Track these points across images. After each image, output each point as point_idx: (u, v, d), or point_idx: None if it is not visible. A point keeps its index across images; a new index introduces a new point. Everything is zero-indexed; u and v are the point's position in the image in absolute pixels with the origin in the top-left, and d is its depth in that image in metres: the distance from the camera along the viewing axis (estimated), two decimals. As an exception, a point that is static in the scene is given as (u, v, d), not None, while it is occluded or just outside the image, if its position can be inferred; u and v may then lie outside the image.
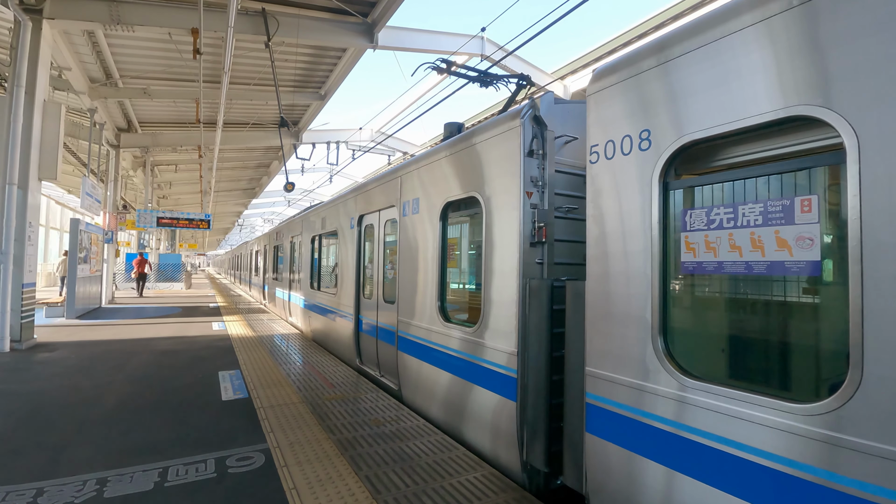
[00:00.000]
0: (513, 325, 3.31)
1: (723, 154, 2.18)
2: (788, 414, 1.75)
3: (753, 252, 1.95)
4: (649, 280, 2.30)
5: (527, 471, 3.22)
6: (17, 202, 7.21)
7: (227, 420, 4.22)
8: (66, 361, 6.49)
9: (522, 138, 3.31)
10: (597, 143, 2.66)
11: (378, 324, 5.69)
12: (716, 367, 2.25)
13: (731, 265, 2.03)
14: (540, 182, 3.36)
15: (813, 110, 1.72)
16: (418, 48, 10.15)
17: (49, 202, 24.82)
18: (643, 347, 2.32)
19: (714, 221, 2.10)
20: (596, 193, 2.64)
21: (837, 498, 1.61)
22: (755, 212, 1.95)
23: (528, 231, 3.31)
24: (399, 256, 5.08)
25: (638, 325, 2.34)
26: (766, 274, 1.93)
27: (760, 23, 1.89)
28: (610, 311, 2.52)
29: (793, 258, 1.82)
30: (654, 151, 2.31)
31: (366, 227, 6.38)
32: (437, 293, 4.31)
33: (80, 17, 7.89)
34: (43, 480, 3.02)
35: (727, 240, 2.04)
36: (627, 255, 2.43)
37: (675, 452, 2.17)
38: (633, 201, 2.41)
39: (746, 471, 1.88)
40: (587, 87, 2.77)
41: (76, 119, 13.28)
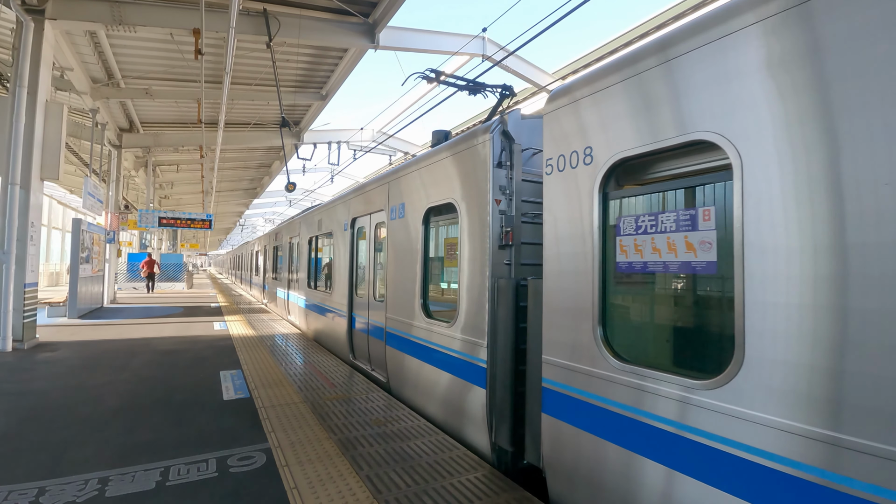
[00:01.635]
0: (484, 320, 3.63)
1: (649, 170, 2.56)
2: (691, 389, 2.09)
3: (669, 254, 2.30)
4: (591, 278, 2.64)
5: (495, 451, 3.55)
6: (19, 202, 7.23)
7: (228, 419, 4.23)
8: (68, 361, 6.51)
9: (492, 151, 3.65)
10: (551, 156, 2.98)
11: (369, 321, 6.00)
12: (639, 352, 2.58)
13: (653, 265, 2.38)
14: (508, 190, 3.70)
15: (709, 136, 2.07)
16: (419, 48, 10.15)
17: (51, 202, 24.89)
18: (587, 336, 2.66)
19: (641, 227, 2.44)
20: (550, 201, 2.97)
21: (728, 459, 1.94)
22: (670, 220, 2.30)
23: (497, 235, 3.65)
24: (387, 257, 5.41)
25: (583, 317, 2.69)
26: (677, 272, 2.29)
27: (665, 63, 2.28)
28: (561, 305, 2.85)
29: (697, 259, 2.18)
30: (594, 166, 2.66)
31: (358, 229, 6.69)
32: (420, 291, 4.64)
33: (82, 17, 7.91)
34: (45, 480, 3.03)
35: (650, 243, 2.39)
36: (575, 256, 2.77)
37: (608, 426, 2.51)
38: (579, 209, 2.76)
39: (661, 438, 2.21)
40: (544, 107, 3.08)
41: (78, 119, 13.32)
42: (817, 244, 1.71)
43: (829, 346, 1.66)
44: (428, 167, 4.61)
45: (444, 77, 5.31)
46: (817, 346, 1.69)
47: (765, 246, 1.85)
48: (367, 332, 6.04)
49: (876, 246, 1.55)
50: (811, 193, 1.73)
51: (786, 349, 1.78)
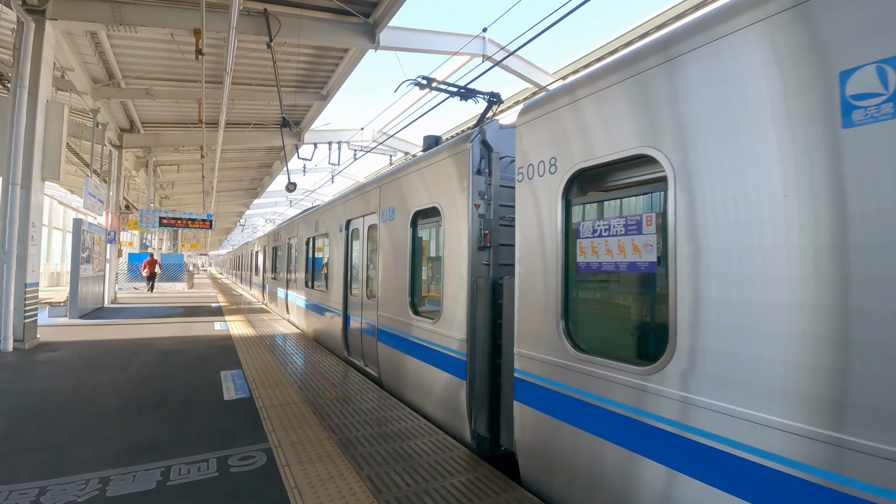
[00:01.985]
0: (464, 317, 3.90)
1: (605, 179, 2.85)
2: (633, 374, 2.37)
3: (619, 255, 2.59)
4: (555, 277, 2.90)
5: (475, 438, 3.82)
6: (20, 202, 7.24)
7: (228, 419, 4.23)
8: (69, 361, 6.51)
9: (472, 159, 3.91)
10: (522, 165, 3.26)
11: (362, 319, 6.27)
12: (594, 342, 2.82)
13: (606, 265, 2.67)
14: (486, 196, 3.95)
15: (649, 150, 2.35)
16: (420, 48, 10.15)
17: (52, 202, 24.91)
18: (551, 330, 2.92)
19: (596, 231, 2.72)
20: (521, 206, 3.24)
21: (660, 434, 2.23)
22: (621, 224, 2.57)
23: (476, 237, 3.90)
24: (378, 258, 5.67)
25: (548, 312, 2.95)
26: (626, 272, 2.56)
27: (616, 84, 2.54)
28: (530, 301, 3.12)
29: (642, 259, 2.45)
30: (558, 175, 2.92)
31: (352, 230, 6.94)
32: (409, 290, 4.89)
33: (83, 17, 7.91)
34: (46, 479, 3.03)
35: (604, 245, 2.68)
36: (542, 257, 3.03)
37: (568, 410, 2.79)
38: (545, 213, 3.02)
39: (609, 419, 2.50)
40: (516, 120, 3.34)
41: (79, 119, 13.32)
42: (732, 246, 1.98)
43: (745, 336, 1.92)
44: (415, 173, 4.87)
45: (435, 84, 5.48)
46: (734, 336, 1.96)
47: (691, 248, 2.13)
48: (361, 329, 6.29)
49: (782, 248, 1.82)
50: (727, 203, 2.01)
51: (708, 339, 2.05)
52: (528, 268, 3.16)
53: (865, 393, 1.59)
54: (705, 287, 2.07)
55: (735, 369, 1.94)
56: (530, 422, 3.09)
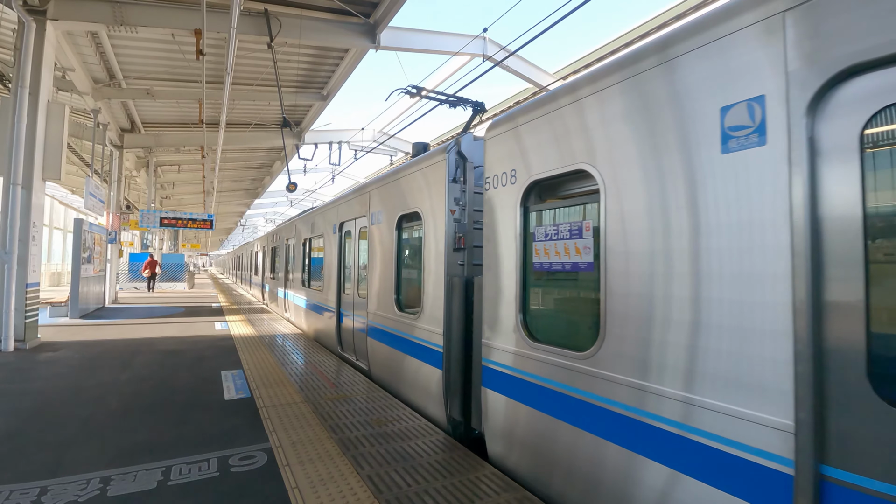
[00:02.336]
0: (440, 312, 4.23)
1: (556, 190, 3.20)
2: (575, 360, 2.74)
3: (565, 256, 2.96)
4: (515, 276, 3.27)
5: (450, 422, 4.18)
6: (21, 202, 7.25)
7: (229, 419, 4.24)
8: (70, 361, 6.52)
9: (448, 168, 4.26)
10: (488, 175, 3.60)
11: (354, 316, 6.61)
12: (545, 333, 3.16)
13: (555, 265, 3.04)
14: (461, 202, 4.29)
15: (586, 167, 2.73)
16: (420, 48, 10.15)
17: (53, 202, 24.93)
18: (511, 322, 3.29)
19: (548, 235, 3.08)
20: (488, 212, 3.58)
21: (594, 410, 2.60)
22: (566, 230, 2.95)
23: (452, 240, 4.25)
24: (368, 258, 6.03)
25: (509, 307, 3.32)
26: (570, 271, 2.94)
27: (566, 107, 2.89)
28: (494, 297, 3.49)
29: (582, 260, 2.84)
30: (518, 185, 3.28)
31: (345, 232, 7.27)
32: (394, 288, 5.26)
33: (84, 18, 7.92)
34: (47, 479, 3.04)
35: (553, 248, 3.04)
36: (504, 258, 3.39)
37: (523, 393, 3.16)
38: (507, 219, 3.37)
39: (555, 397, 2.88)
40: (485, 134, 3.68)
41: (80, 120, 13.35)
42: (646, 249, 2.35)
43: (655, 324, 2.29)
44: (400, 179, 5.24)
45: (425, 92, 5.79)
46: (647, 324, 2.32)
47: (617, 250, 2.51)
48: (353, 325, 6.66)
49: (677, 251, 2.22)
50: (643, 212, 2.38)
51: (629, 327, 2.42)
52: (492, 267, 3.52)
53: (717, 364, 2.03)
54: (626, 284, 2.46)
55: (647, 352, 2.33)
56: (495, 405, 3.45)
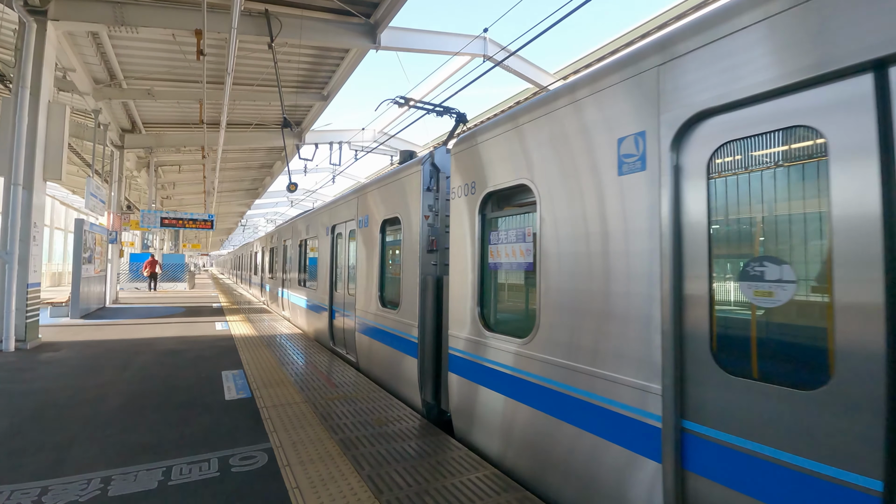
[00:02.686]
0: (416, 307, 4.68)
1: (508, 200, 3.66)
2: (517, 345, 3.23)
3: (512, 257, 3.43)
4: (473, 274, 3.75)
5: (424, 405, 4.64)
6: (21, 203, 7.25)
7: (230, 419, 4.24)
8: (71, 361, 6.53)
9: (422, 178, 4.73)
10: (455, 186, 4.08)
11: (344, 312, 7.11)
12: (496, 323, 3.68)
13: (504, 265, 3.53)
14: (434, 209, 4.75)
15: (526, 181, 3.23)
16: (421, 49, 10.16)
17: (54, 203, 24.96)
18: (471, 314, 3.77)
19: (500, 240, 3.57)
20: (454, 218, 4.07)
21: (532, 387, 3.08)
22: (513, 235, 3.44)
23: (426, 242, 4.71)
24: (356, 259, 6.52)
25: (468, 301, 3.80)
26: (517, 269, 3.43)
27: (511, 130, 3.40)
28: (457, 293, 3.97)
29: (525, 261, 3.30)
30: (476, 195, 3.76)
31: (336, 235, 7.73)
32: (378, 286, 5.74)
33: (85, 18, 7.93)
34: (47, 479, 3.04)
35: (504, 250, 3.52)
36: (465, 258, 3.86)
37: (480, 375, 3.64)
38: (468, 225, 3.86)
39: (509, 381, 3.31)
40: (452, 149, 4.15)
41: (80, 120, 13.35)
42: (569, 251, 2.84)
43: (575, 314, 2.77)
44: (383, 187, 5.71)
45: (412, 103, 6.23)
46: (570, 314, 2.80)
47: (559, 251, 2.92)
48: (343, 321, 7.16)
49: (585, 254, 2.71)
50: (567, 221, 2.86)
51: (557, 316, 2.91)
52: (456, 267, 4.01)
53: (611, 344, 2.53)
54: (555, 280, 2.94)
55: (569, 337, 2.81)
56: (459, 388, 3.92)
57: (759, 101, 1.94)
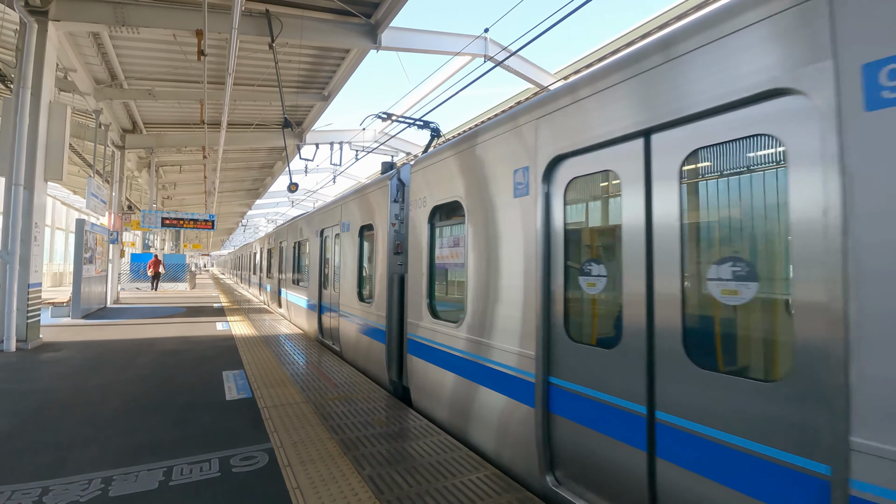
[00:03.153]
0: (384, 300, 5.46)
1: (451, 213, 4.34)
2: (452, 329, 4.02)
3: (452, 259, 4.25)
4: (425, 273, 4.57)
5: (392, 383, 5.42)
6: (23, 203, 7.26)
7: (231, 420, 4.24)
8: (72, 361, 6.53)
9: (390, 191, 5.53)
10: (412, 199, 4.89)
11: (330, 308, 7.94)
12: (441, 312, 4.45)
13: (447, 265, 4.36)
14: (400, 217, 5.54)
15: (459, 199, 3.99)
16: (422, 49, 10.16)
17: (55, 203, 24.98)
18: (422, 305, 4.60)
19: (444, 245, 4.40)
20: (411, 227, 4.90)
21: (461, 360, 3.86)
22: (452, 241, 4.26)
23: (393, 246, 5.49)
24: (340, 260, 7.34)
25: (421, 294, 4.62)
26: (453, 269, 4.25)
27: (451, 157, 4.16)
28: (413, 288, 4.80)
29: (459, 262, 4.10)
30: (426, 208, 4.58)
31: (325, 238, 8.52)
32: (357, 283, 6.58)
33: (86, 18, 7.94)
34: (48, 479, 3.04)
35: (445, 253, 4.38)
36: (420, 259, 4.67)
37: (428, 354, 4.45)
38: (421, 232, 4.66)
39: (447, 357, 4.10)
40: (412, 167, 4.96)
41: (81, 120, 13.36)
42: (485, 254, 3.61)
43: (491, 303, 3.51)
44: (360, 197, 6.56)
45: (395, 117, 7.11)
46: (483, 303, 3.60)
47: (480, 254, 3.67)
48: (329, 315, 7.98)
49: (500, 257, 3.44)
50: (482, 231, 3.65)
51: (478, 305, 3.66)
52: (413, 266, 4.81)
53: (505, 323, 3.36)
54: (475, 277, 3.71)
55: (493, 319, 3.49)
56: (414, 366, 4.74)
57: (589, 150, 2.75)
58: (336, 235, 7.65)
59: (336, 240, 7.66)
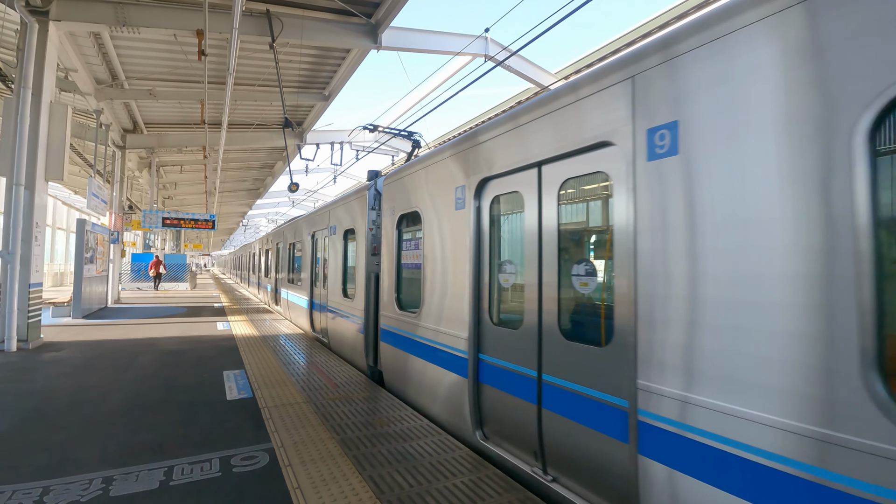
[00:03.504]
0: (363, 295, 6.23)
1: (412, 221, 5.08)
2: (413, 318, 4.73)
3: (412, 260, 4.99)
4: (393, 271, 5.31)
5: (369, 368, 6.16)
6: (23, 203, 7.27)
7: (231, 419, 4.24)
8: (72, 361, 6.54)
9: (368, 200, 6.30)
10: (384, 208, 5.56)
11: (320, 304, 8.68)
12: (405, 304, 5.17)
13: (410, 265, 5.07)
14: (376, 223, 6.25)
15: (418, 209, 4.72)
16: (422, 49, 10.15)
17: (55, 203, 24.99)
18: (392, 298, 5.31)
19: (409, 248, 5.11)
20: (384, 231, 5.58)
21: (418, 344, 4.64)
22: (414, 244, 5.00)
23: (370, 248, 6.21)
24: (328, 259, 8.08)
25: (391, 290, 5.34)
26: (414, 268, 4.92)
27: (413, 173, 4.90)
28: (385, 284, 5.52)
29: (418, 262, 4.77)
30: (395, 216, 5.27)
31: (316, 240, 9.26)
32: (342, 281, 7.31)
33: (87, 18, 7.94)
34: (49, 479, 3.05)
35: (408, 255, 5.12)
36: (390, 260, 5.38)
37: (396, 341, 5.15)
38: (391, 236, 5.36)
39: (407, 341, 4.87)
40: (384, 180, 5.65)
41: (82, 120, 13.37)
42: (439, 255, 4.27)
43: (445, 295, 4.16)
44: (345, 204, 7.33)
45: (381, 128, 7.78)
46: (440, 294, 4.24)
47: (432, 256, 4.40)
48: (320, 311, 8.69)
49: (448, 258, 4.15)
50: (437, 236, 4.33)
51: (434, 297, 4.35)
52: (385, 266, 5.54)
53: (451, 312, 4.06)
54: (431, 273, 4.40)
55: (441, 309, 4.21)
56: (386, 351, 5.46)
57: (505, 175, 3.45)
58: (325, 237, 8.47)
59: (325, 242, 8.48)
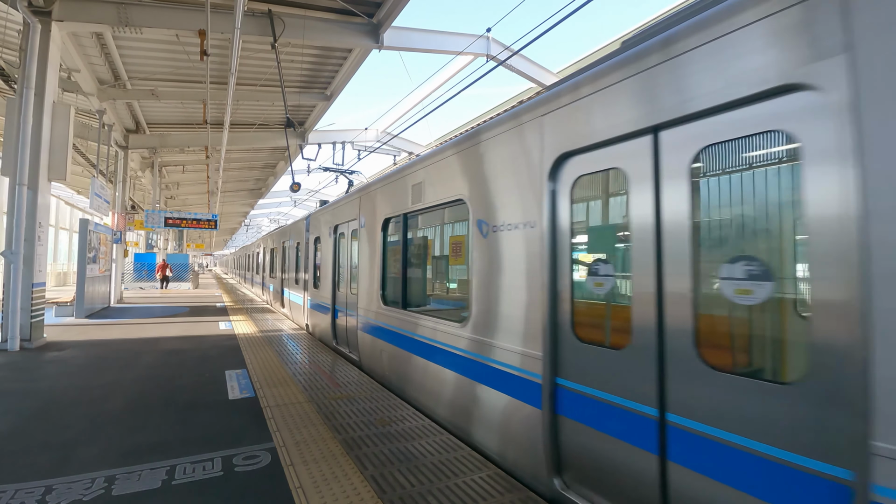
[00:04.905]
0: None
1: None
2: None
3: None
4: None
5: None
6: (26, 203, 7.29)
7: (233, 419, 4.24)
8: (75, 360, 6.55)
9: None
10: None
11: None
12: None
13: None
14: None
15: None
16: (424, 48, 10.15)
17: (58, 203, 25.07)
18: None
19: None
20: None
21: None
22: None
23: None
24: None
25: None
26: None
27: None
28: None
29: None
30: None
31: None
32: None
33: (89, 19, 7.96)
34: (51, 478, 3.05)
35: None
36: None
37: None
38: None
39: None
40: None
41: (85, 120, 13.41)
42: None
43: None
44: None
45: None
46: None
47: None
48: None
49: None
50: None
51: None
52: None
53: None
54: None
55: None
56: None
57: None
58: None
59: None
